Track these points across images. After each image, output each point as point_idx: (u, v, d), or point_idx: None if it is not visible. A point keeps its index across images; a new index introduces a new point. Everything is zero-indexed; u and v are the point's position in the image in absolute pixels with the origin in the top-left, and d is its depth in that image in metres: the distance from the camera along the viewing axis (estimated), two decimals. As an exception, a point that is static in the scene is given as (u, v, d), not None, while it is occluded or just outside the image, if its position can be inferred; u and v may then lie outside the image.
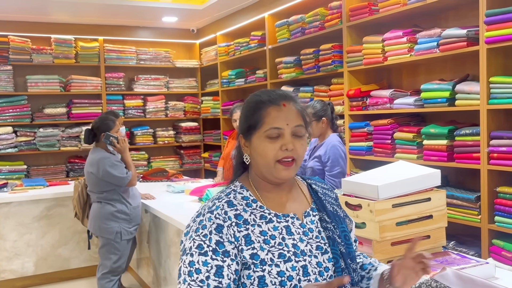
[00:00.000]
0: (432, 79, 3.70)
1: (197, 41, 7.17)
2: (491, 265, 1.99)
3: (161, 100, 6.84)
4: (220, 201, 1.28)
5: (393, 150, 3.81)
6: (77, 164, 6.26)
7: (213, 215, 1.23)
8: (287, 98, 1.32)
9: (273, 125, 1.28)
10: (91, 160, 3.61)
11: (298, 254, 1.25)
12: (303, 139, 1.32)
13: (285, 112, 1.29)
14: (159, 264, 3.98)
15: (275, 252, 1.23)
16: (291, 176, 1.30)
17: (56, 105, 6.16)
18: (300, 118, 1.32)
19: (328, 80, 4.56)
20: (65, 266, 4.84)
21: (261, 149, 1.28)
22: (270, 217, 1.29)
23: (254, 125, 1.30)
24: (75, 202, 3.95)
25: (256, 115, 1.30)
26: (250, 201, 1.30)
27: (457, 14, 3.58)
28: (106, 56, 6.45)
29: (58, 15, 5.90)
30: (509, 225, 2.95)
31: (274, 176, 1.30)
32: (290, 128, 1.28)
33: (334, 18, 4.27)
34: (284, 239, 1.26)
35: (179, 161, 7.02)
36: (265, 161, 1.28)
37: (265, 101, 1.31)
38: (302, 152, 1.30)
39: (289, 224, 1.30)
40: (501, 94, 2.98)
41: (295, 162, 1.29)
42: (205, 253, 1.18)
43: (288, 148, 1.27)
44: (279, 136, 1.28)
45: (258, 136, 1.29)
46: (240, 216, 1.25)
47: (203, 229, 1.22)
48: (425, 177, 2.13)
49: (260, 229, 1.25)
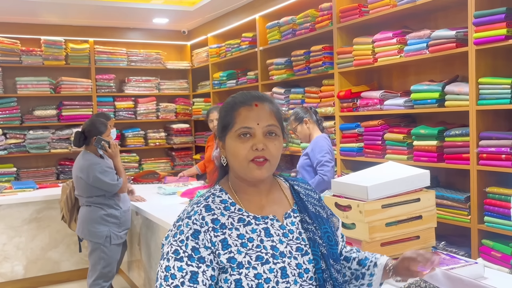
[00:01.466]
0: (422, 80, 3.72)
1: (188, 42, 7.16)
2: (480, 265, 2.00)
3: (152, 102, 6.81)
4: (199, 206, 1.28)
5: (384, 151, 3.82)
6: (68, 166, 6.22)
7: (190, 220, 1.24)
8: (261, 99, 1.33)
9: (243, 125, 1.28)
10: (81, 165, 3.54)
11: (277, 256, 1.25)
12: (277, 139, 1.30)
13: (256, 111, 1.29)
14: (150, 267, 3.96)
15: (252, 255, 1.23)
16: (264, 175, 1.29)
17: (46, 107, 6.12)
18: (273, 118, 1.31)
19: (319, 82, 4.57)
20: (55, 269, 4.80)
21: (233, 149, 1.29)
22: (249, 219, 1.28)
23: (226, 125, 1.31)
24: (62, 204, 3.87)
25: (228, 116, 1.31)
26: (229, 204, 1.30)
27: (446, 15, 3.60)
28: (97, 58, 6.42)
29: (48, 16, 5.87)
30: (498, 225, 2.97)
31: (248, 176, 1.29)
32: (261, 128, 1.28)
33: (325, 19, 4.28)
34: (263, 241, 1.26)
35: (171, 163, 7.00)
36: (238, 161, 1.28)
37: (238, 102, 1.32)
38: (275, 152, 1.29)
39: (268, 226, 1.29)
40: (490, 95, 3.00)
41: (269, 162, 1.28)
42: (181, 259, 1.19)
43: (258, 148, 1.26)
44: (250, 135, 1.28)
45: (230, 136, 1.30)
46: (217, 221, 1.25)
47: (181, 234, 1.22)
48: (414, 177, 2.13)
49: (237, 232, 1.25)
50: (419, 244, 2.12)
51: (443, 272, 1.72)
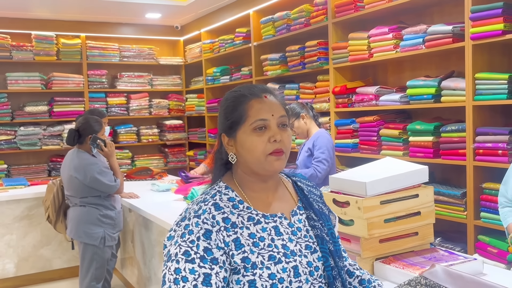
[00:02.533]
0: (418, 75, 3.70)
1: (181, 38, 7.10)
2: (479, 261, 1.98)
3: (145, 98, 6.75)
4: (207, 204, 1.22)
5: (379, 147, 3.80)
6: (59, 163, 6.12)
7: (200, 219, 1.18)
8: (267, 91, 1.31)
9: (259, 117, 1.24)
10: (76, 165, 3.41)
11: (288, 254, 1.21)
12: (288, 130, 1.29)
13: (268, 103, 1.27)
14: (144, 264, 3.92)
15: (265, 255, 1.19)
16: (282, 167, 1.27)
17: (37, 103, 6.04)
18: (282, 109, 1.30)
19: (313, 77, 4.54)
20: (47, 267, 4.74)
21: (249, 144, 1.24)
22: (258, 218, 1.25)
23: (237, 120, 1.26)
24: (48, 203, 3.72)
25: (238, 110, 1.26)
26: (237, 202, 1.26)
27: (441, 10, 3.59)
28: (89, 53, 6.34)
29: (39, 11, 5.78)
30: (494, 221, 2.96)
31: (266, 169, 1.25)
32: (276, 119, 1.26)
33: (320, 14, 4.25)
34: (274, 240, 1.22)
35: (164, 160, 6.95)
36: (255, 156, 1.24)
37: (247, 95, 1.28)
38: (288, 143, 1.28)
39: (278, 224, 1.26)
40: (487, 90, 2.99)
41: (285, 154, 1.26)
42: (192, 260, 1.13)
43: (277, 139, 1.23)
44: (266, 128, 1.25)
45: (243, 131, 1.25)
46: (227, 220, 1.20)
47: (190, 234, 1.16)
48: (412, 173, 2.11)
49: (248, 231, 1.21)
50: (417, 240, 2.10)
51: (443, 269, 1.71)
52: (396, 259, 1.99)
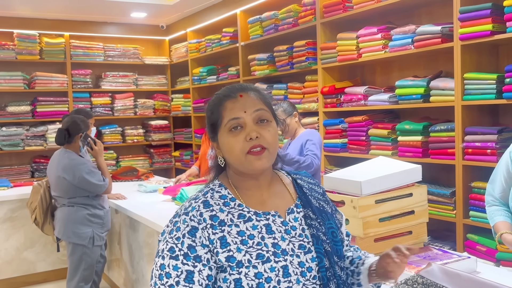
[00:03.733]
0: (406, 76, 3.72)
1: (167, 37, 7.04)
2: (473, 259, 1.99)
3: (130, 98, 6.68)
4: (197, 202, 1.22)
5: (368, 146, 3.81)
6: (43, 164, 6.03)
7: (188, 216, 1.18)
8: (245, 89, 1.27)
9: (231, 116, 1.22)
10: (64, 165, 3.36)
11: (279, 254, 1.19)
12: (269, 125, 1.24)
13: (242, 101, 1.24)
14: (131, 266, 3.87)
15: (253, 253, 1.17)
16: (264, 165, 1.23)
17: (20, 103, 5.93)
18: (261, 103, 1.26)
19: (302, 77, 4.53)
20: (31, 270, 4.64)
21: (227, 145, 1.23)
22: (249, 215, 1.23)
23: (215, 123, 1.26)
24: (35, 205, 3.65)
25: (215, 113, 1.26)
26: (228, 200, 1.24)
27: (429, 11, 3.61)
28: (72, 53, 6.24)
29: (21, 9, 5.67)
30: (483, 220, 2.98)
31: (248, 169, 1.23)
32: (250, 115, 1.22)
33: (308, 14, 4.25)
34: (264, 238, 1.20)
35: (149, 160, 6.88)
36: (235, 156, 1.22)
37: (222, 97, 1.27)
38: (270, 138, 1.23)
39: (270, 222, 1.23)
40: (475, 90, 3.02)
41: (267, 150, 1.22)
42: (176, 257, 1.14)
43: (252, 137, 1.20)
44: (242, 127, 1.22)
45: (221, 133, 1.25)
46: (215, 217, 1.19)
47: (177, 231, 1.17)
48: (406, 172, 2.12)
49: (237, 229, 1.19)
50: (411, 239, 2.11)
51: (440, 267, 1.71)
52: (391, 258, 1.99)
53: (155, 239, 3.36)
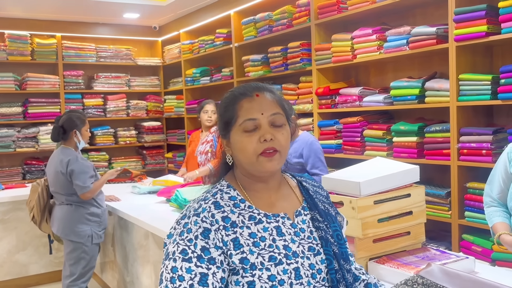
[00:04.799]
0: (400, 77, 3.73)
1: (159, 38, 7.01)
2: (471, 259, 2.00)
3: (122, 99, 6.63)
4: (207, 203, 1.20)
5: (363, 147, 3.82)
6: (34, 166, 5.98)
7: (199, 218, 1.16)
8: (261, 89, 1.27)
9: (247, 117, 1.21)
10: (61, 159, 3.41)
11: (290, 256, 1.19)
12: (284, 128, 1.25)
13: (259, 102, 1.23)
14: (125, 268, 3.83)
15: (265, 255, 1.16)
16: (276, 167, 1.23)
17: (11, 104, 5.87)
18: (277, 106, 1.25)
19: (296, 78, 4.53)
20: (23, 273, 4.59)
21: (240, 144, 1.22)
22: (260, 217, 1.22)
23: (229, 121, 1.24)
24: (33, 204, 3.68)
25: (229, 111, 1.25)
26: (238, 201, 1.23)
27: (424, 12, 3.63)
28: (64, 53, 6.20)
29: (12, 9, 5.61)
30: (479, 220, 3.00)
31: (259, 171, 1.23)
32: (266, 118, 1.22)
33: (302, 15, 4.24)
34: (275, 240, 1.19)
35: (142, 162, 6.84)
36: (246, 157, 1.21)
37: (237, 95, 1.26)
38: (284, 142, 1.23)
39: (280, 225, 1.23)
40: (470, 91, 3.03)
41: (279, 153, 1.22)
42: (189, 259, 1.11)
43: (267, 139, 1.19)
44: (256, 128, 1.21)
45: (235, 131, 1.23)
46: (227, 219, 1.18)
47: (188, 233, 1.14)
48: (405, 173, 2.11)
49: (249, 231, 1.18)
50: (409, 240, 2.11)
51: (440, 268, 1.71)
52: (389, 259, 1.99)
53: (149, 240, 3.33)
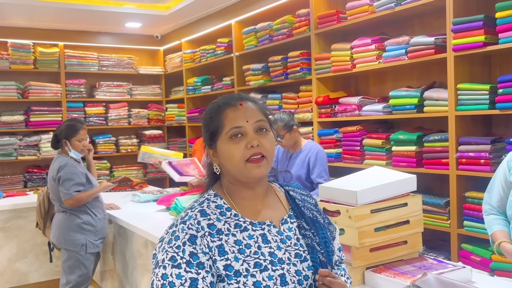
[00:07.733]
0: (399, 86, 3.75)
1: (161, 47, 7.05)
2: (468, 269, 1.99)
3: (124, 108, 6.67)
4: (193, 211, 1.24)
5: (362, 156, 3.83)
6: (36, 174, 6.00)
7: (185, 225, 1.19)
8: (244, 98, 1.31)
9: (233, 125, 1.25)
10: (54, 168, 3.46)
11: (275, 262, 1.21)
12: (268, 134, 1.28)
13: (243, 110, 1.27)
14: (125, 277, 3.84)
15: (250, 262, 1.19)
16: (263, 173, 1.26)
17: (13, 112, 5.91)
18: (260, 114, 1.29)
19: (296, 87, 4.55)
20: (23, 281, 4.59)
21: (227, 152, 1.25)
22: (245, 225, 1.25)
23: (215, 130, 1.28)
24: (36, 211, 3.77)
25: (215, 121, 1.28)
26: (224, 210, 1.26)
27: (422, 22, 3.65)
28: (67, 62, 6.24)
29: (15, 19, 5.67)
30: (477, 230, 3.00)
31: (247, 177, 1.25)
32: (251, 125, 1.26)
33: (302, 25, 4.27)
34: (260, 247, 1.22)
35: (143, 170, 6.86)
36: (234, 164, 1.24)
37: (222, 105, 1.30)
38: (269, 147, 1.27)
39: (265, 232, 1.25)
40: (468, 100, 3.04)
41: (266, 159, 1.25)
42: (179, 265, 1.14)
43: (254, 145, 1.23)
44: (242, 135, 1.25)
45: (221, 140, 1.26)
46: (213, 226, 1.21)
47: (176, 240, 1.17)
48: (402, 182, 2.12)
49: (234, 238, 1.21)
50: (406, 249, 2.11)
51: (436, 277, 1.71)
52: (386, 268, 1.99)
53: (149, 249, 3.34)
